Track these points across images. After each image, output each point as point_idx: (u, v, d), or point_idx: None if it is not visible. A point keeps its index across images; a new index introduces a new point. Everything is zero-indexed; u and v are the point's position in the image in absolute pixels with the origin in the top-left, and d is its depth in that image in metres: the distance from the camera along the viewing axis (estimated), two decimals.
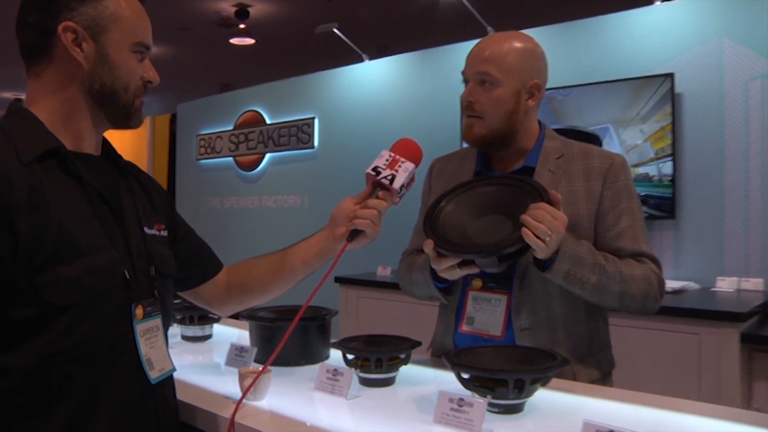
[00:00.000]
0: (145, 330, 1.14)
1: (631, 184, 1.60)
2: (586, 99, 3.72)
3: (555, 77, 3.75)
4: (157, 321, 1.17)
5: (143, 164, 7.28)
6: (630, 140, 3.55)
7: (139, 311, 1.12)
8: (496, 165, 1.67)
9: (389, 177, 1.31)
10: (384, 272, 4.23)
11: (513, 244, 1.38)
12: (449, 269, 1.46)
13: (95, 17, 1.10)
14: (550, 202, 1.39)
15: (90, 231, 1.08)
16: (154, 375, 1.14)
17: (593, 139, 3.64)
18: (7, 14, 1.22)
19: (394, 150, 1.36)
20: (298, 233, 1.46)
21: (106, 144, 1.25)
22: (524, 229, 1.35)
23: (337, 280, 4.21)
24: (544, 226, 1.35)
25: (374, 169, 1.33)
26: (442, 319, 1.72)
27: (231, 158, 6.25)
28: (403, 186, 1.32)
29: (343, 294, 4.21)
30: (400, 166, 1.32)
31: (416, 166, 1.35)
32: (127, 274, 1.11)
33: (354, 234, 1.33)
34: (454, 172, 1.73)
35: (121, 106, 1.15)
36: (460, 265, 1.44)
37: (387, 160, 1.33)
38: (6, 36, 1.15)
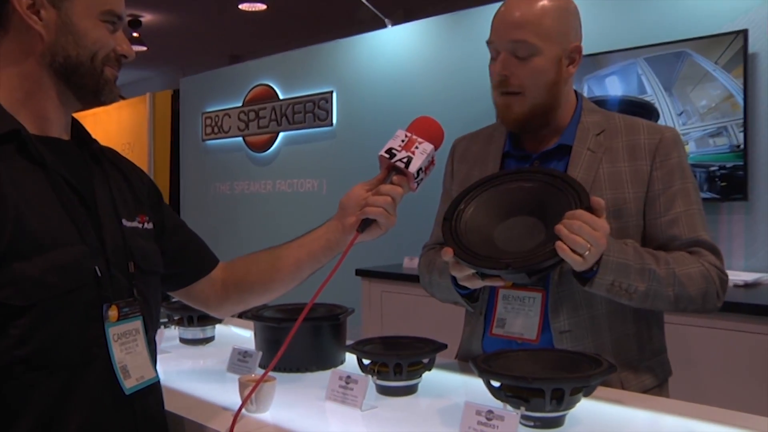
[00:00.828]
0: (121, 334, 1.12)
1: (685, 161, 1.55)
2: (638, 64, 3.63)
3: (603, 40, 3.70)
4: (136, 324, 1.15)
5: (143, 146, 7.33)
6: (692, 110, 3.46)
7: (112, 312, 1.10)
8: (527, 144, 1.63)
9: (405, 160, 1.29)
10: (411, 264, 4.21)
11: (545, 260, 1.34)
12: (470, 278, 1.43)
13: None
14: (590, 209, 1.33)
15: (55, 224, 1.06)
16: (129, 384, 1.12)
17: (648, 109, 3.55)
18: None
19: (411, 130, 1.33)
20: (316, 221, 1.43)
21: (77, 127, 1.23)
22: (559, 243, 1.30)
23: (359, 273, 4.21)
24: (582, 240, 1.29)
25: (388, 151, 1.30)
26: (469, 321, 1.69)
27: (240, 138, 6.27)
28: (420, 170, 1.30)
29: (365, 288, 4.21)
30: (417, 148, 1.30)
31: (436, 147, 1.32)
32: (98, 270, 1.09)
33: (365, 224, 1.31)
34: (479, 153, 1.69)
35: (88, 78, 1.13)
36: (483, 276, 1.41)
37: (402, 141, 1.31)
38: None
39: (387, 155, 1.30)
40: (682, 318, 2.55)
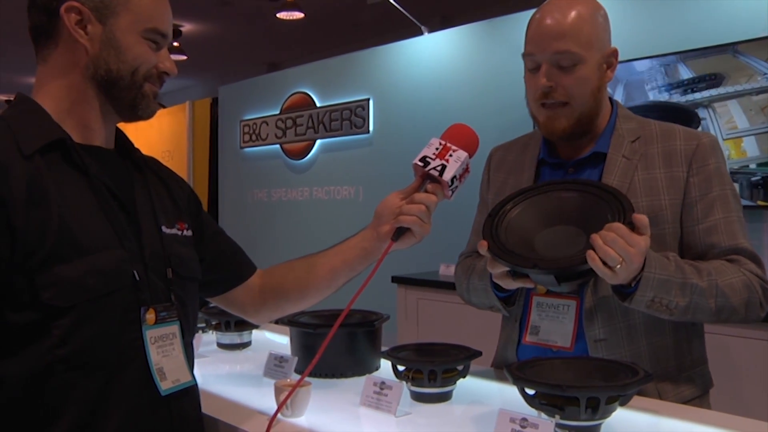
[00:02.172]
0: (158, 337, 1.15)
1: (723, 167, 1.53)
2: (678, 69, 3.58)
3: (642, 46, 3.66)
4: (173, 328, 1.18)
5: (182, 154, 7.45)
6: (738, 115, 3.39)
7: (150, 316, 1.13)
8: (562, 152, 1.62)
9: (439, 168, 1.29)
10: (447, 271, 4.21)
11: (572, 265, 1.33)
12: (503, 276, 1.43)
13: None
14: (631, 224, 1.31)
15: (96, 228, 1.10)
16: (165, 386, 1.15)
17: (689, 115, 3.50)
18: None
19: (446, 137, 1.33)
20: (352, 228, 1.45)
21: (120, 137, 1.27)
22: (590, 252, 1.29)
23: (395, 280, 4.21)
24: (613, 252, 1.27)
25: (422, 159, 1.31)
26: (504, 328, 1.69)
27: (278, 146, 6.33)
28: (455, 178, 1.30)
29: (401, 296, 4.21)
30: (451, 156, 1.30)
31: (471, 155, 1.32)
32: (136, 274, 1.12)
33: (399, 232, 1.32)
34: (514, 162, 1.69)
35: (126, 92, 1.17)
36: (515, 275, 1.41)
37: (437, 149, 1.31)
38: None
39: (421, 163, 1.31)
40: (724, 328, 2.51)
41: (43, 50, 1.17)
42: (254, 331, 2.07)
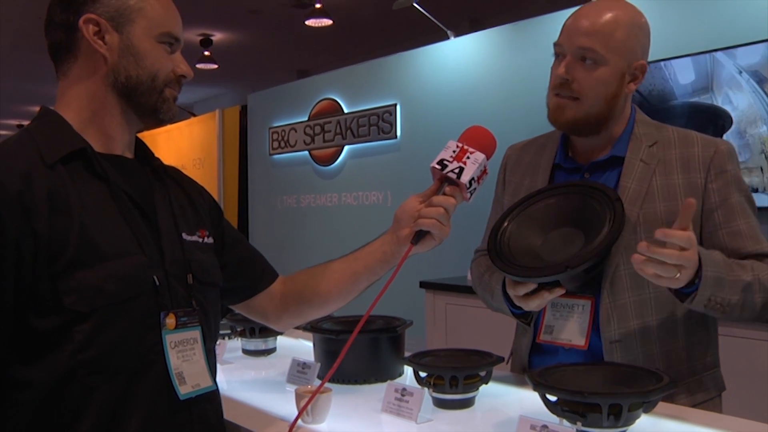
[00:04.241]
0: (178, 341, 1.16)
1: (740, 174, 1.54)
2: (709, 67, 3.52)
3: (673, 45, 3.61)
4: (194, 333, 1.20)
5: (213, 161, 7.52)
6: None
7: (170, 320, 1.15)
8: (579, 155, 1.62)
9: (456, 170, 1.29)
10: None
11: (599, 253, 1.38)
12: (527, 298, 1.44)
13: (118, 8, 1.17)
14: (620, 202, 1.41)
15: (116, 235, 1.12)
16: (184, 390, 1.16)
17: (721, 116, 3.44)
18: None
19: (462, 140, 1.33)
20: (381, 233, 1.45)
21: (140, 146, 1.30)
22: (646, 271, 1.28)
23: (423, 285, 4.20)
24: (671, 266, 1.27)
25: (440, 162, 1.31)
26: (518, 327, 1.68)
27: (306, 152, 6.37)
28: (473, 179, 1.29)
29: (429, 301, 4.20)
30: (468, 158, 1.30)
31: (488, 156, 1.32)
32: (156, 280, 1.14)
33: (419, 235, 1.32)
34: (530, 163, 1.69)
35: (147, 96, 1.20)
36: (540, 288, 1.43)
37: (454, 152, 1.31)
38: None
39: (439, 166, 1.31)
40: (736, 330, 2.47)
41: (63, 65, 1.21)
42: (279, 338, 2.08)
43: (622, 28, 1.48)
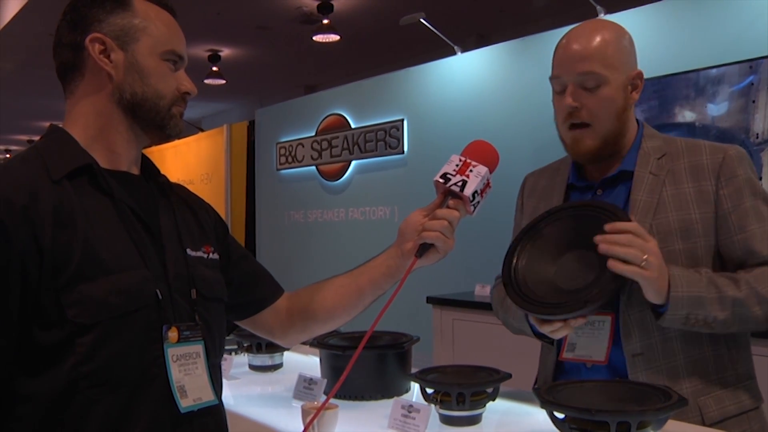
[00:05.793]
0: (180, 355, 1.17)
1: (753, 177, 1.53)
2: (725, 79, 3.52)
3: (681, 60, 3.61)
4: (197, 347, 1.20)
5: (220, 176, 7.55)
6: None
7: (172, 334, 1.15)
8: (590, 173, 1.64)
9: (459, 183, 1.30)
10: (482, 291, 4.17)
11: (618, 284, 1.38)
12: (559, 329, 1.43)
13: (123, 27, 1.20)
14: (619, 213, 1.40)
15: (120, 249, 1.13)
16: (185, 404, 1.16)
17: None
18: None
19: (465, 153, 1.34)
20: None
21: (146, 163, 1.32)
22: (610, 262, 1.35)
23: (430, 300, 4.19)
24: (633, 250, 1.34)
25: (443, 176, 1.31)
26: (543, 346, 1.68)
27: (314, 167, 6.38)
28: (476, 192, 1.30)
29: (436, 316, 4.18)
30: (471, 171, 1.30)
31: (491, 170, 1.33)
32: (159, 294, 1.15)
33: (423, 249, 1.32)
34: (545, 188, 1.72)
35: (154, 113, 1.22)
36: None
37: (457, 165, 1.32)
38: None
39: (442, 180, 1.31)
40: None
41: (70, 84, 1.23)
42: (286, 353, 2.08)
43: (612, 44, 1.53)
